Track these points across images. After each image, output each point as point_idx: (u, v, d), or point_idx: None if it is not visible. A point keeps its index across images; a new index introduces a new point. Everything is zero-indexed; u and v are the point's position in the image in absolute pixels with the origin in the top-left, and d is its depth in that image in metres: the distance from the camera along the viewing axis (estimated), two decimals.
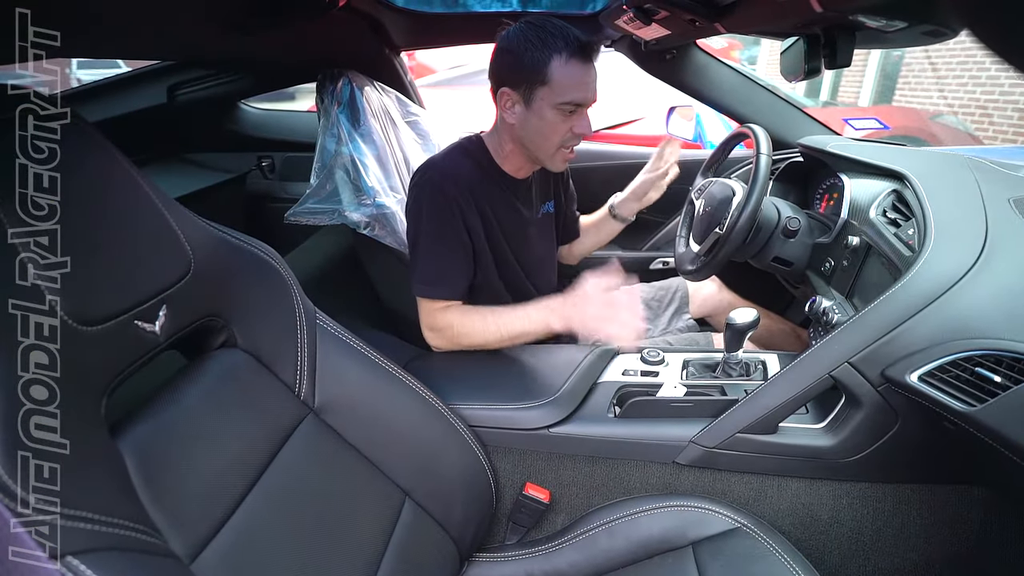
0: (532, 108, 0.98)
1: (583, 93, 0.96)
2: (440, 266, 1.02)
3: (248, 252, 0.74)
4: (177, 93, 1.68)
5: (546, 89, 0.95)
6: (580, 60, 0.94)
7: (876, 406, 0.82)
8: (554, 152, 1.02)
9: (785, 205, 1.30)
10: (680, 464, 0.92)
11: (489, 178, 1.08)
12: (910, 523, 0.91)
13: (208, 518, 0.58)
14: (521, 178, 1.13)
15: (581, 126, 0.99)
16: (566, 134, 1.00)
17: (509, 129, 1.04)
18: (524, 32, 0.95)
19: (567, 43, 0.93)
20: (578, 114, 0.99)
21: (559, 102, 0.95)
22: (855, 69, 7.36)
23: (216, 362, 0.68)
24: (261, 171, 1.95)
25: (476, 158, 1.09)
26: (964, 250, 0.80)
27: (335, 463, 0.75)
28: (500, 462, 0.97)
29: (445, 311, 1.03)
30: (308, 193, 1.30)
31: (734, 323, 0.95)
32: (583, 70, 0.95)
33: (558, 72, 0.93)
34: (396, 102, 1.44)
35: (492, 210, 1.08)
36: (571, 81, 0.94)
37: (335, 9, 1.01)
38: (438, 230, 1.02)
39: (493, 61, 1.01)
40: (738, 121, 1.64)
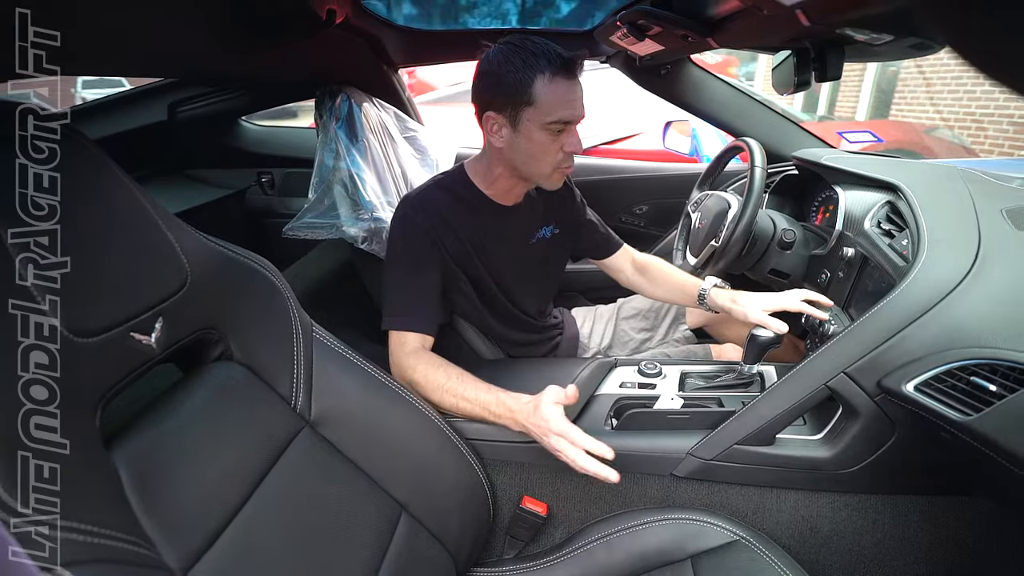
0: (520, 130, 0.95)
1: (570, 110, 0.93)
2: (406, 299, 1.00)
3: (245, 265, 0.74)
4: (178, 110, 1.70)
5: (532, 110, 0.92)
6: (564, 77, 0.91)
7: (873, 416, 0.82)
8: (550, 172, 1.00)
9: (781, 217, 1.31)
10: (678, 476, 0.92)
11: (469, 208, 1.06)
12: (911, 535, 0.90)
13: (202, 531, 0.57)
14: (510, 204, 1.10)
15: (571, 144, 0.96)
16: (558, 154, 0.97)
17: (497, 153, 1.01)
18: (505, 53, 0.92)
19: (549, 61, 0.90)
20: (567, 132, 0.96)
21: (547, 122, 0.93)
22: (851, 84, 7.44)
23: (212, 375, 0.68)
24: (261, 187, 1.96)
25: (454, 190, 1.07)
26: (957, 260, 0.80)
27: (331, 476, 0.75)
28: (497, 475, 0.97)
29: (416, 353, 0.97)
30: (306, 208, 1.31)
31: (758, 337, 0.94)
32: (568, 87, 0.92)
33: (543, 91, 0.91)
34: (394, 118, 1.46)
35: (471, 241, 1.05)
36: (557, 99, 0.92)
37: (333, 27, 1.02)
38: (407, 264, 1.01)
39: (475, 85, 0.98)
40: (733, 135, 1.66)
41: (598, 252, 1.33)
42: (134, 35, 0.84)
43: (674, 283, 1.26)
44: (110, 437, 0.55)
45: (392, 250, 1.04)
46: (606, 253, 1.33)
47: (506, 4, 1.45)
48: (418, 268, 1.01)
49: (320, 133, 1.33)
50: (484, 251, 1.08)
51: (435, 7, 1.43)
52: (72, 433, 0.48)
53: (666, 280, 1.28)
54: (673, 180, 1.90)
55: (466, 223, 1.05)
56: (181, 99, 1.69)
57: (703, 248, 1.33)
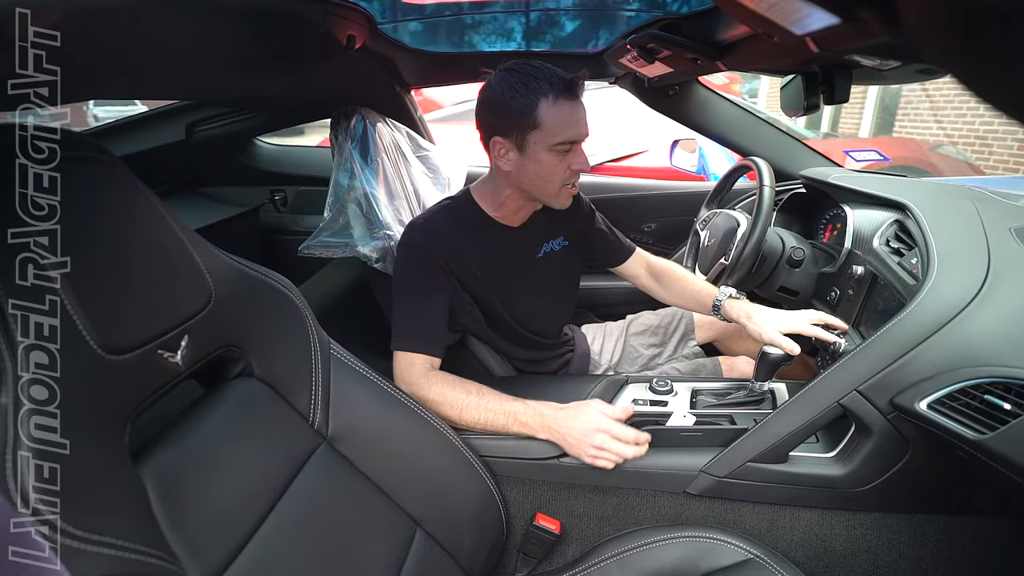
0: (527, 153, 0.97)
1: (575, 130, 0.96)
2: (413, 320, 1.02)
3: (266, 284, 0.76)
4: (195, 130, 1.74)
5: (538, 133, 0.95)
6: (567, 99, 0.94)
7: (886, 434, 0.82)
8: (557, 191, 1.02)
9: (789, 235, 1.32)
10: (691, 494, 0.92)
11: (476, 231, 1.08)
12: (927, 555, 0.90)
13: (224, 546, 0.58)
14: (517, 225, 1.12)
15: (578, 163, 0.99)
16: (565, 172, 0.99)
17: (506, 176, 1.03)
18: (507, 79, 0.95)
19: (552, 84, 0.93)
20: (574, 151, 0.99)
21: (553, 143, 0.95)
22: (854, 102, 7.48)
23: (233, 391, 0.69)
24: (274, 204, 1.99)
25: (460, 214, 1.09)
26: (968, 278, 0.81)
27: (348, 492, 0.76)
28: (510, 492, 0.97)
29: (427, 374, 0.98)
30: (321, 227, 1.33)
31: (769, 355, 0.95)
32: (571, 108, 0.95)
33: (547, 114, 0.93)
34: (407, 138, 1.49)
35: (478, 264, 1.07)
36: (562, 121, 0.94)
37: (351, 51, 1.05)
38: (414, 288, 1.03)
39: (479, 113, 1.00)
40: (741, 154, 1.68)
41: (610, 260, 1.33)
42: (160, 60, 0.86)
43: (689, 291, 1.26)
44: (136, 453, 0.56)
45: (399, 275, 1.06)
46: (619, 260, 1.32)
47: (511, 23, 1.48)
48: (426, 291, 1.03)
49: (335, 153, 1.36)
50: (491, 274, 1.09)
51: (440, 26, 1.46)
52: (103, 449, 0.49)
53: (681, 287, 1.27)
54: (681, 198, 1.91)
55: (473, 247, 1.07)
56: (199, 119, 1.73)
57: (712, 266, 1.34)
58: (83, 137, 0.57)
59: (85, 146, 0.55)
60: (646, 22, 1.18)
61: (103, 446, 0.49)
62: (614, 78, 1.71)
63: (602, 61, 1.50)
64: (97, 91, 1.22)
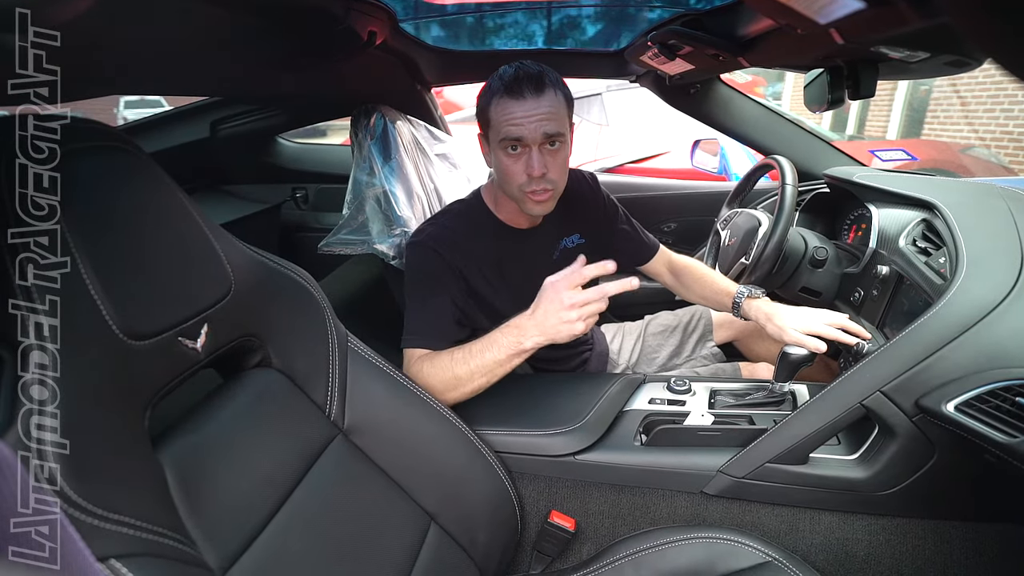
0: (491, 151, 1.01)
1: (515, 129, 0.94)
2: (419, 318, 1.03)
3: (285, 276, 0.77)
4: (219, 128, 1.77)
5: (492, 131, 0.98)
6: (511, 97, 0.94)
7: (911, 437, 0.80)
8: (519, 196, 1.01)
9: (812, 235, 1.30)
10: (708, 494, 0.90)
11: (485, 233, 1.09)
12: (953, 563, 0.87)
13: (240, 533, 0.59)
14: (525, 227, 1.12)
15: (528, 166, 0.96)
16: (521, 176, 0.98)
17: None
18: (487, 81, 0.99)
19: (501, 81, 0.95)
20: (528, 154, 0.97)
21: (498, 140, 0.97)
22: (882, 103, 7.34)
23: (251, 381, 0.70)
24: (295, 202, 2.02)
25: (469, 216, 1.10)
26: (999, 278, 0.78)
27: (363, 484, 0.76)
28: (525, 489, 0.96)
29: (419, 360, 0.99)
30: (341, 224, 1.34)
31: (790, 355, 0.93)
32: (515, 106, 0.94)
33: (494, 111, 0.96)
34: (427, 135, 1.50)
35: (489, 265, 1.08)
36: (503, 118, 0.95)
37: (372, 47, 1.06)
38: (423, 287, 1.04)
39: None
40: (763, 153, 1.66)
41: (632, 260, 1.31)
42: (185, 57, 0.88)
43: (708, 289, 1.24)
44: (155, 438, 0.57)
45: (409, 276, 1.08)
46: (644, 259, 1.31)
47: (532, 26, 1.48)
48: (434, 290, 1.03)
49: (355, 151, 1.37)
50: (504, 276, 1.09)
51: (463, 29, 1.47)
52: (124, 432, 0.50)
53: (701, 285, 1.26)
54: (702, 198, 1.89)
55: (482, 249, 1.07)
56: (222, 117, 1.76)
57: (733, 265, 1.32)
58: (114, 129, 0.58)
59: (117, 137, 0.57)
60: (667, 19, 1.17)
61: (124, 429, 0.50)
62: (635, 76, 1.70)
63: (623, 59, 1.49)
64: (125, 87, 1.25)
